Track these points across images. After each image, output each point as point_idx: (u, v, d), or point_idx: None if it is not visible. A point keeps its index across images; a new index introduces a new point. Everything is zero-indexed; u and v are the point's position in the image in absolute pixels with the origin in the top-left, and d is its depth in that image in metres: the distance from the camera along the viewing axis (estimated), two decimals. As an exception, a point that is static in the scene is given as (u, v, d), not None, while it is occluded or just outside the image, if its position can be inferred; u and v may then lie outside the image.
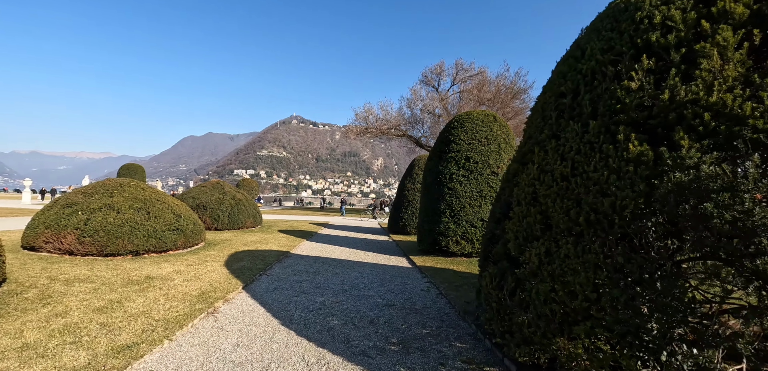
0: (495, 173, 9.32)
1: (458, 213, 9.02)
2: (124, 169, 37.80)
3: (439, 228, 9.19)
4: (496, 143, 9.60)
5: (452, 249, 9.07)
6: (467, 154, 9.44)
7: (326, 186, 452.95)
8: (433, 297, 5.79)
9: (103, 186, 9.13)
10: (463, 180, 9.23)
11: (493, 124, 9.91)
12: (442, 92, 39.65)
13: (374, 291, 6.01)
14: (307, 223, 19.99)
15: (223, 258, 8.29)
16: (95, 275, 6.17)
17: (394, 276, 7.32)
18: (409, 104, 40.89)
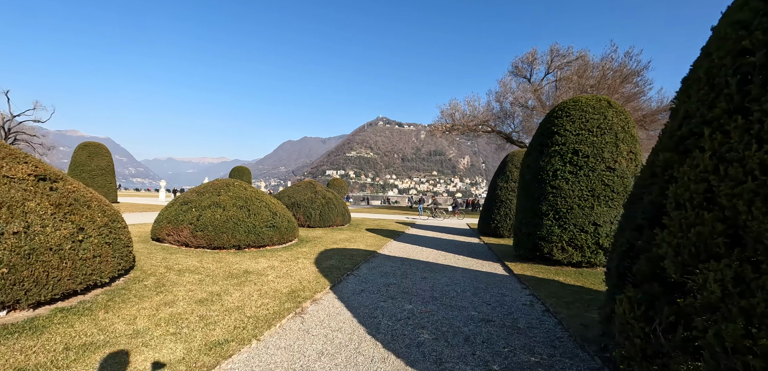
0: (611, 168, 7.87)
1: (564, 215, 7.83)
2: (234, 171, 42.69)
3: (541, 233, 8.10)
4: (611, 133, 8.11)
5: (557, 256, 7.91)
6: (575, 146, 8.15)
7: (412, 185, 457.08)
8: (538, 314, 4.95)
9: (212, 186, 10.07)
10: (570, 177, 7.99)
11: (607, 110, 8.41)
12: (535, 82, 36.42)
13: (467, 302, 5.39)
14: (393, 222, 19.96)
15: (314, 255, 8.45)
16: (202, 267, 6.68)
17: (489, 284, 6.58)
18: (497, 98, 38.50)
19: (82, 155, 24.83)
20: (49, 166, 5.63)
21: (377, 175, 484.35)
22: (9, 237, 4.02)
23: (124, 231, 5.82)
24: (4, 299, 3.88)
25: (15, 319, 3.88)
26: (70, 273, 4.45)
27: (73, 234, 4.64)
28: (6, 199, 4.28)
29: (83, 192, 5.51)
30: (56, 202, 4.78)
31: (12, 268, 3.91)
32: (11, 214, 4.18)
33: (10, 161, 4.94)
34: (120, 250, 5.48)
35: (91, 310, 4.21)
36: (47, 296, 4.21)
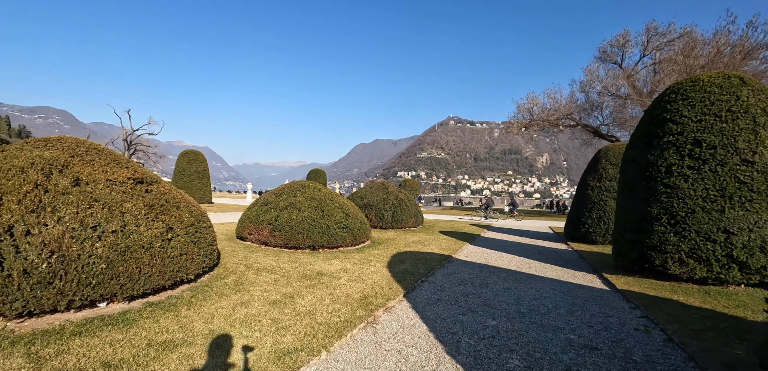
0: (748, 161, 6.30)
1: (683, 220, 6.45)
2: (311, 173, 44.95)
3: (651, 241, 6.79)
4: (748, 117, 6.50)
5: (673, 270, 6.56)
6: (696, 135, 6.69)
7: (485, 185, 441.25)
8: (657, 344, 4.00)
9: (289, 188, 10.40)
10: (691, 173, 6.57)
11: (740, 89, 6.76)
12: (628, 68, 32.02)
13: (563, 321, 4.61)
14: (468, 224, 19.04)
15: (386, 258, 8.18)
16: (279, 266, 6.79)
17: (586, 300, 5.64)
18: (582, 88, 34.83)
19: (183, 161, 28.01)
20: (146, 170, 6.13)
21: (449, 175, 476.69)
22: (108, 235, 4.35)
23: (208, 231, 6.11)
24: (103, 292, 4.20)
25: (112, 311, 4.18)
26: (159, 269, 4.72)
27: (163, 233, 4.92)
28: (108, 200, 4.67)
29: (173, 193, 5.89)
30: (150, 203, 5.13)
31: (110, 264, 4.21)
32: (111, 214, 4.53)
33: (114, 166, 5.44)
34: (204, 249, 5.75)
35: (175, 306, 4.38)
36: (139, 291, 4.49)
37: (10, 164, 4.65)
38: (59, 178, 4.66)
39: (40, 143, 5.38)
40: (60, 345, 3.26)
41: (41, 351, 3.13)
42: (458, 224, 18.99)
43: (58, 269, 3.92)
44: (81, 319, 3.87)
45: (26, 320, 3.85)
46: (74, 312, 4.11)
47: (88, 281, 4.07)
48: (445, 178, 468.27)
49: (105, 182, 4.94)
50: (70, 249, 4.06)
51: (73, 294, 3.99)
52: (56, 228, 4.08)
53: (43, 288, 3.82)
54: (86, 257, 4.12)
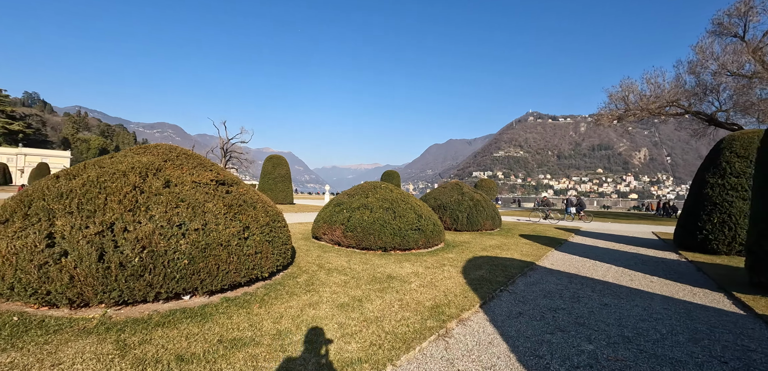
0: None
1: None
2: (385, 174, 45.52)
3: (807, 252, 5.29)
4: None
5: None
6: None
7: (570, 185, 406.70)
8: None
9: (361, 189, 10.41)
10: None
11: None
12: (754, 39, 26.01)
13: (683, 352, 3.69)
14: (552, 228, 17.39)
15: (461, 263, 7.66)
16: (350, 267, 6.71)
17: (713, 326, 4.52)
18: (691, 69, 29.35)
19: (268, 165, 30.28)
20: (228, 173, 6.49)
21: (529, 174, 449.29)
22: (191, 233, 4.60)
23: (283, 230, 6.24)
24: (186, 286, 4.44)
25: (194, 304, 4.39)
26: (235, 266, 4.88)
27: (240, 232, 5.09)
28: (192, 201, 4.97)
29: (251, 194, 6.13)
30: (229, 203, 5.36)
31: (191, 260, 4.45)
32: (194, 213, 4.80)
33: (199, 169, 5.82)
34: (279, 248, 5.87)
35: (249, 304, 4.46)
36: (217, 286, 4.69)
37: (115, 168, 5.20)
38: (153, 180, 5.08)
39: (140, 150, 5.98)
40: (144, 335, 3.46)
41: (128, 339, 3.34)
42: (541, 227, 17.45)
43: (148, 263, 4.23)
44: (166, 310, 4.12)
45: (122, 308, 4.22)
46: (162, 303, 4.41)
47: (173, 275, 4.33)
48: (525, 177, 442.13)
49: (191, 184, 5.28)
50: (158, 245, 4.36)
51: (160, 287, 4.28)
52: (148, 226, 4.42)
53: (135, 280, 4.15)
54: (172, 253, 4.39)
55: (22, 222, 4.30)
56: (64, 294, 4.00)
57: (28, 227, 4.23)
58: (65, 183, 4.85)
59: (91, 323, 3.75)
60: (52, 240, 4.15)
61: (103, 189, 4.70)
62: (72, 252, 4.05)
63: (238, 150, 69.18)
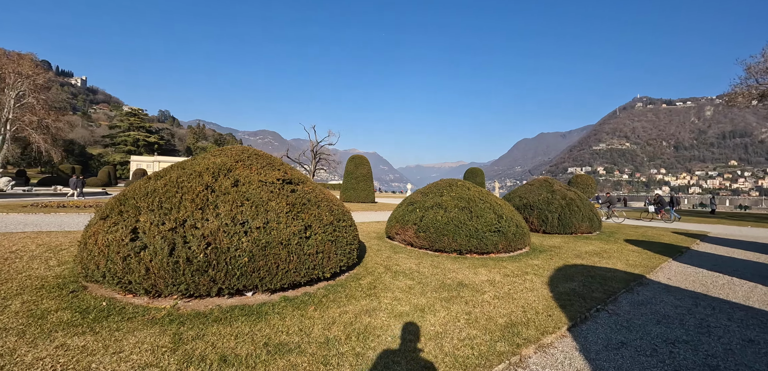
0: None
1: None
2: (468, 172, 43.81)
3: None
4: None
5: None
6: None
7: (692, 181, 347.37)
8: None
9: (436, 187, 9.83)
10: None
11: None
12: None
13: None
14: (668, 232, 14.59)
15: (548, 272, 6.62)
16: (419, 271, 6.23)
17: None
18: None
19: (351, 165, 31.23)
20: (296, 172, 6.50)
21: (637, 169, 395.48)
22: (253, 231, 4.60)
23: (348, 230, 6.02)
24: (246, 283, 4.43)
25: (254, 301, 4.36)
26: (295, 266, 4.76)
27: (301, 231, 4.96)
28: (256, 199, 4.99)
29: (317, 193, 6.03)
30: (292, 202, 5.29)
31: (251, 257, 4.42)
32: (257, 212, 4.80)
33: (268, 169, 5.89)
34: (342, 248, 5.65)
35: (305, 305, 4.29)
36: (277, 285, 4.60)
37: (192, 169, 5.49)
38: (223, 180, 5.24)
39: (217, 152, 6.29)
40: (200, 330, 3.47)
41: (185, 334, 3.37)
42: (653, 231, 14.75)
43: (212, 259, 4.30)
44: (228, 306, 4.15)
45: (191, 301, 4.36)
46: (226, 298, 4.47)
47: (234, 272, 4.35)
48: (632, 173, 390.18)
49: (257, 183, 5.33)
50: (222, 243, 4.41)
51: (222, 283, 4.32)
52: (213, 223, 4.51)
53: (200, 275, 4.24)
54: (234, 250, 4.41)
55: (115, 218, 4.73)
56: (141, 285, 4.26)
57: (120, 222, 4.62)
58: (152, 183, 5.25)
59: (160, 313, 3.91)
60: (135, 234, 4.46)
61: (180, 189, 4.96)
62: (149, 246, 4.30)
63: (327, 152, 73.39)
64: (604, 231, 13.63)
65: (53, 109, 46.20)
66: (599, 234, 12.74)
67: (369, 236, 10.31)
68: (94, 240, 4.67)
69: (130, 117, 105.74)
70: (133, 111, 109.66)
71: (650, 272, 6.92)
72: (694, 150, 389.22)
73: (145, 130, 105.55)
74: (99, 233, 4.68)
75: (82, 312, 3.83)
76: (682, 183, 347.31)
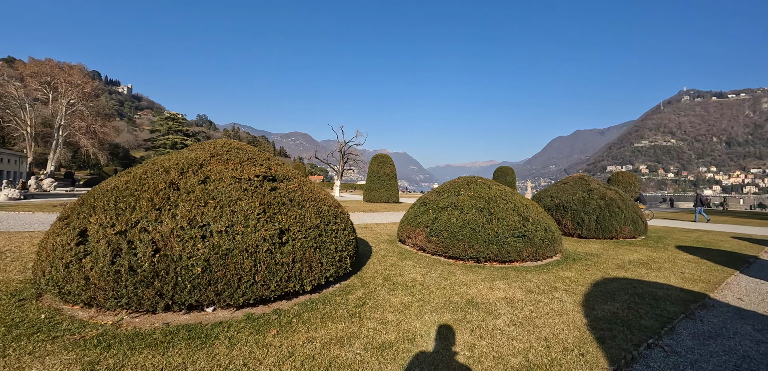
0: None
1: None
2: (497, 171, 41.91)
3: None
4: None
5: None
6: None
7: (747, 179, 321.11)
8: None
9: (452, 185, 8.81)
10: None
11: None
12: None
13: None
14: (726, 236, 12.70)
15: (582, 287, 5.46)
16: (423, 284, 5.28)
17: None
18: None
19: (374, 165, 30.48)
20: (286, 168, 5.73)
21: (684, 167, 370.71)
22: (213, 236, 3.84)
23: (340, 235, 5.17)
24: (199, 298, 3.68)
25: (210, 320, 3.61)
26: (263, 277, 3.96)
27: (273, 236, 4.16)
28: (224, 198, 4.24)
29: (304, 192, 5.22)
30: (268, 202, 4.51)
31: (207, 268, 3.67)
32: (221, 213, 4.05)
33: (248, 164, 5.14)
34: (330, 256, 4.81)
35: (268, 327, 3.48)
36: (239, 300, 3.83)
37: (161, 164, 4.84)
38: (191, 176, 4.54)
39: (198, 146, 5.63)
40: (121, 358, 2.79)
41: (101, 363, 2.72)
42: (708, 236, 12.88)
43: (160, 269, 3.59)
44: (176, 324, 3.47)
45: (138, 316, 3.68)
46: (183, 313, 3.75)
47: (184, 285, 3.61)
48: (678, 171, 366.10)
49: (230, 180, 4.60)
50: (173, 249, 3.69)
51: (170, 297, 3.60)
52: (167, 227, 3.80)
53: (144, 287, 3.55)
54: (186, 258, 3.68)
55: (70, 219, 4.14)
56: (80, 296, 3.63)
57: (71, 224, 4.02)
58: (116, 179, 4.65)
59: (96, 331, 3.26)
60: (83, 238, 3.84)
61: (141, 186, 4.31)
62: (93, 252, 3.65)
63: (354, 152, 73.24)
64: (651, 236, 12.01)
65: (100, 115, 49.00)
66: (645, 239, 11.18)
67: (380, 239, 9.44)
68: (45, 243, 4.12)
69: (170, 121, 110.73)
70: (172, 115, 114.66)
71: (714, 290, 5.58)
72: (748, 146, 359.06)
73: (182, 133, 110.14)
74: (50, 235, 4.12)
75: (11, 326, 3.23)
76: (736, 182, 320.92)
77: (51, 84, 42.05)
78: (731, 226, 17.31)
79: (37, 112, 41.88)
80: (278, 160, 6.12)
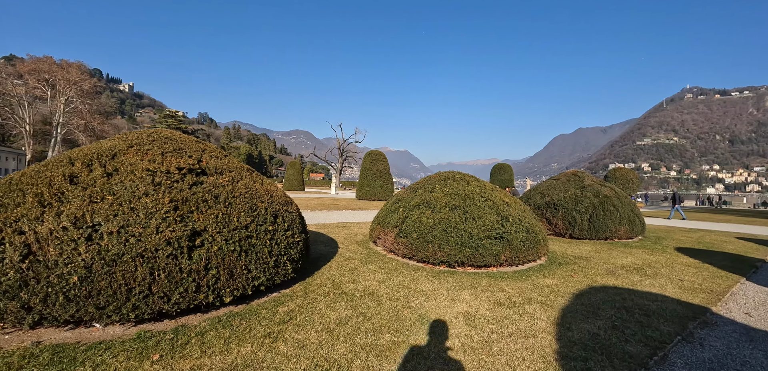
0: None
1: None
2: (495, 168, 41.05)
3: None
4: None
5: None
6: None
7: (750, 178, 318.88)
8: None
9: (428, 181, 8.05)
10: None
11: None
12: None
13: None
14: (730, 237, 11.86)
15: (562, 299, 4.70)
16: (375, 294, 4.56)
17: None
18: None
19: (367, 161, 29.71)
20: (222, 162, 4.99)
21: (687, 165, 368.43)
22: (103, 238, 3.13)
23: (278, 237, 4.44)
24: (74, 312, 2.99)
25: (92, 338, 2.93)
26: (163, 288, 3.25)
27: (181, 238, 3.44)
28: (126, 194, 3.52)
29: (237, 187, 4.49)
30: (183, 198, 3.79)
31: (87, 277, 2.96)
32: (116, 211, 3.32)
33: (172, 155, 4.43)
34: (261, 261, 4.09)
35: (151, 351, 2.80)
36: (129, 315, 3.12)
37: (69, 155, 4.11)
38: (97, 168, 3.81)
39: (122, 136, 4.88)
40: None
41: None
42: (711, 236, 12.05)
43: (29, 277, 2.88)
44: (47, 344, 2.82)
45: (13, 331, 2.97)
46: (67, 329, 3.05)
47: (56, 297, 2.90)
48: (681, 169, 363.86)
49: (142, 172, 3.88)
50: (49, 254, 2.98)
51: (39, 312, 2.91)
52: (46, 226, 3.07)
53: (9, 299, 2.84)
54: (63, 265, 2.96)
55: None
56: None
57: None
58: (19, 173, 3.92)
59: None
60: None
61: (36, 180, 3.58)
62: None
63: (354, 149, 72.27)
64: (649, 237, 11.21)
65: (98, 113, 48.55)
66: (642, 241, 10.39)
67: (352, 240, 8.70)
68: None
69: (168, 118, 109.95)
70: (171, 113, 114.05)
71: (718, 302, 4.80)
72: (752, 144, 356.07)
73: (180, 131, 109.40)
74: None
75: None
76: (739, 180, 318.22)
77: (49, 81, 41.70)
78: (735, 226, 16.47)
79: (35, 110, 41.58)
80: (218, 152, 5.39)
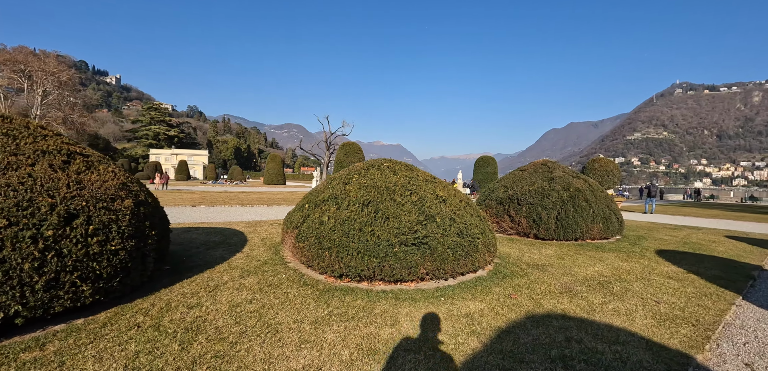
0: None
1: None
2: (478, 161, 39.54)
3: None
4: None
5: None
6: None
7: (737, 172, 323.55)
8: None
9: (349, 171, 6.38)
10: None
11: None
12: None
13: None
14: (719, 235, 10.45)
15: (476, 341, 3.12)
16: (199, 328, 2.90)
17: None
18: None
19: (341, 154, 28.09)
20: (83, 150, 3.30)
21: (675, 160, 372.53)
22: None
23: (61, 243, 2.76)
24: None
25: None
26: None
27: None
28: None
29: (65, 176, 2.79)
30: None
31: None
32: None
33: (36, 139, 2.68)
34: (14, 282, 2.41)
35: None
36: None
37: None
38: None
39: None
40: None
41: None
42: (698, 235, 10.63)
43: None
44: None
45: None
46: None
47: None
48: (669, 164, 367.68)
49: None
50: None
51: None
52: None
53: None
54: None
55: None
56: None
57: None
58: None
59: None
60: None
61: None
62: None
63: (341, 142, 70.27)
64: (628, 236, 9.72)
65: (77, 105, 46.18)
66: (619, 241, 8.89)
67: (268, 243, 7.06)
68: None
69: (152, 111, 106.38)
70: (154, 105, 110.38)
71: (705, 344, 3.23)
72: (739, 139, 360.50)
73: (165, 124, 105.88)
74: None
75: None
76: (726, 174, 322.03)
77: (25, 72, 39.33)
78: (724, 221, 15.14)
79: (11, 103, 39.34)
80: None
